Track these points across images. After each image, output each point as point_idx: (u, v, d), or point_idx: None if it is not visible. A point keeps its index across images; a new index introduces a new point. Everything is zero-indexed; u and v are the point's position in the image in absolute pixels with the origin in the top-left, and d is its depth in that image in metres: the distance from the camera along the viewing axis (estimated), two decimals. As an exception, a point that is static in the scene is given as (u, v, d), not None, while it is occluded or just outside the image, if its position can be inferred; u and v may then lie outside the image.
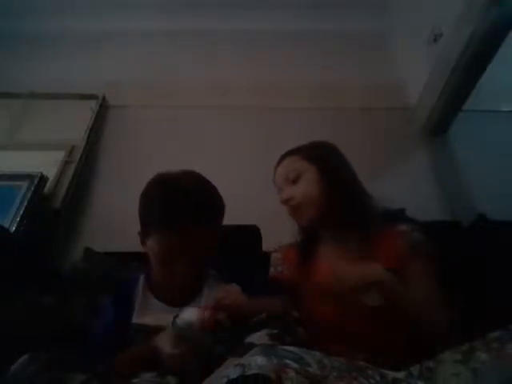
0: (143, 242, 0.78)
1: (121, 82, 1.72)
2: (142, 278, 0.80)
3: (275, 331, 0.65)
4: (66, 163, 1.42)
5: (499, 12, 1.14)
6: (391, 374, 0.48)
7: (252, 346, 0.57)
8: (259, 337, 0.63)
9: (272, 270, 0.95)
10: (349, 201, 0.89)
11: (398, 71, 1.74)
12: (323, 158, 0.95)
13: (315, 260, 0.89)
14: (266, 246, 1.10)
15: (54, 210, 1.30)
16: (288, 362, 0.45)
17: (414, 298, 0.74)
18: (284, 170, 0.95)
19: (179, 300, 0.75)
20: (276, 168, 0.99)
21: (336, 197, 0.88)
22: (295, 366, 0.44)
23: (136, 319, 0.73)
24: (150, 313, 0.74)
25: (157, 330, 0.69)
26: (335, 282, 0.69)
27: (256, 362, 0.44)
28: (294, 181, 0.91)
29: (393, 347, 0.71)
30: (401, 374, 0.48)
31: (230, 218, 1.02)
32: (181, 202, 0.70)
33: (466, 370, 0.44)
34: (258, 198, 1.33)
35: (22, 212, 1.23)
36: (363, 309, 0.73)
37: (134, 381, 0.67)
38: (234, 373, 0.43)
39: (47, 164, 1.39)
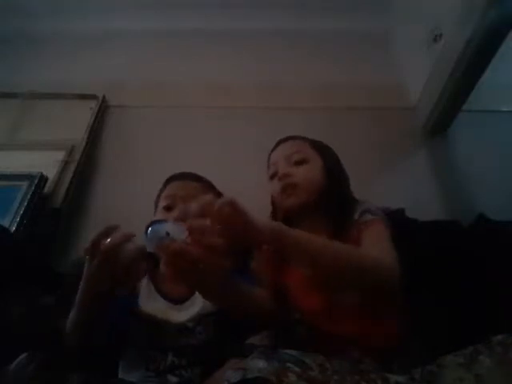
0: None
1: (121, 82, 1.71)
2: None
3: (277, 332, 0.65)
4: (66, 163, 1.42)
5: (499, 12, 1.14)
6: (393, 378, 0.48)
7: (253, 347, 0.57)
8: (260, 338, 0.63)
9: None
10: (343, 201, 0.89)
11: (398, 71, 1.74)
12: (330, 155, 0.96)
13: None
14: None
15: (54, 210, 1.30)
16: (289, 365, 0.45)
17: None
18: (289, 148, 0.95)
19: (177, 295, 0.77)
20: (276, 145, 1.00)
21: (331, 193, 0.89)
22: (296, 369, 0.44)
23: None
24: (150, 303, 0.75)
25: (157, 321, 0.69)
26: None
27: (257, 365, 0.44)
28: (298, 163, 0.91)
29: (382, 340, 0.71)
30: (403, 378, 0.48)
31: (230, 218, 1.02)
32: (182, 172, 0.98)
33: (470, 374, 0.44)
34: (258, 197, 1.33)
35: (21, 212, 1.23)
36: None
37: (133, 381, 0.67)
38: (234, 377, 0.43)
39: (47, 164, 1.39)
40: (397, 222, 0.89)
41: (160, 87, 1.70)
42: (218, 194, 0.96)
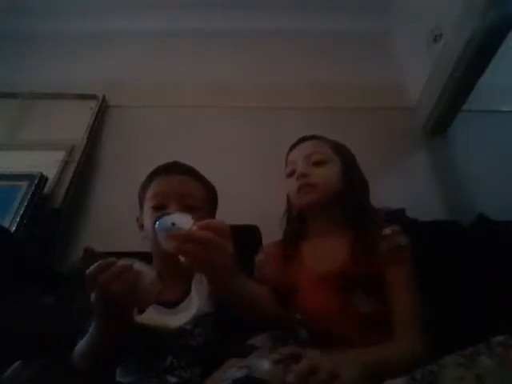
0: (141, 226, 0.88)
1: (121, 82, 1.72)
2: None
3: (278, 334, 0.64)
4: (66, 163, 1.42)
5: (499, 12, 1.14)
6: (395, 381, 0.48)
7: (253, 347, 0.57)
8: (261, 339, 0.62)
9: (256, 272, 0.91)
10: (361, 203, 0.89)
11: (398, 71, 1.74)
12: (349, 157, 0.96)
13: (299, 258, 0.88)
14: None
15: (54, 210, 1.30)
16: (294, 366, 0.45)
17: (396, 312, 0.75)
18: (309, 148, 0.94)
19: (172, 298, 0.76)
20: (296, 144, 0.98)
21: (352, 196, 0.89)
22: None
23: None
24: (148, 315, 0.74)
25: (154, 329, 0.69)
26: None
27: (262, 366, 0.44)
28: (318, 163, 0.90)
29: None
30: (403, 379, 0.48)
31: (230, 218, 1.02)
32: (166, 164, 0.90)
33: (470, 373, 0.44)
34: (258, 197, 1.33)
35: (21, 212, 1.23)
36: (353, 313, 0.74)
37: (132, 380, 0.67)
38: (238, 374, 0.43)
39: (47, 164, 1.39)
40: (397, 222, 0.90)
41: (160, 87, 1.70)
42: (206, 184, 0.92)
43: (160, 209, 0.81)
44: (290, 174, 0.93)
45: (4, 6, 1.83)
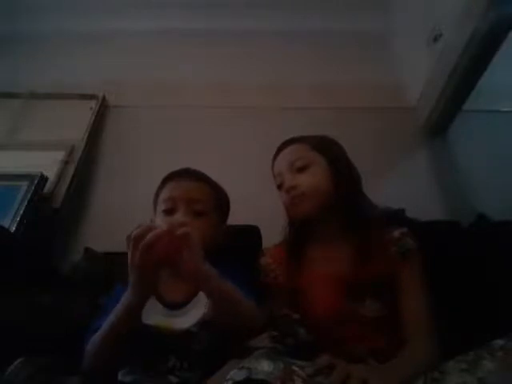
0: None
1: (121, 82, 1.72)
2: None
3: (276, 333, 0.64)
4: (66, 163, 1.42)
5: (499, 12, 1.14)
6: None
7: (254, 348, 0.57)
8: (261, 340, 0.62)
9: (263, 276, 0.89)
10: (354, 201, 0.87)
11: (398, 71, 1.74)
12: (333, 152, 0.92)
13: (305, 260, 0.87)
14: (266, 246, 1.10)
15: (54, 210, 1.30)
16: (295, 368, 0.45)
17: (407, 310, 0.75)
18: (289, 156, 0.91)
19: (178, 299, 0.75)
20: (277, 153, 0.96)
21: (343, 194, 0.86)
22: (302, 374, 0.44)
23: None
24: (151, 314, 0.74)
25: (160, 330, 0.69)
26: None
27: (262, 367, 0.44)
28: (301, 169, 0.87)
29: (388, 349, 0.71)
30: None
31: (230, 218, 1.02)
32: (179, 170, 0.93)
33: (473, 378, 0.44)
34: (258, 198, 1.33)
35: (21, 212, 1.22)
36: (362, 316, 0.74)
37: (134, 379, 0.67)
38: (239, 375, 0.43)
39: (47, 164, 1.39)
40: (397, 222, 0.89)
41: (160, 87, 1.71)
42: (217, 190, 0.92)
43: (170, 213, 0.82)
44: (280, 187, 0.91)
45: (4, 6, 1.83)
